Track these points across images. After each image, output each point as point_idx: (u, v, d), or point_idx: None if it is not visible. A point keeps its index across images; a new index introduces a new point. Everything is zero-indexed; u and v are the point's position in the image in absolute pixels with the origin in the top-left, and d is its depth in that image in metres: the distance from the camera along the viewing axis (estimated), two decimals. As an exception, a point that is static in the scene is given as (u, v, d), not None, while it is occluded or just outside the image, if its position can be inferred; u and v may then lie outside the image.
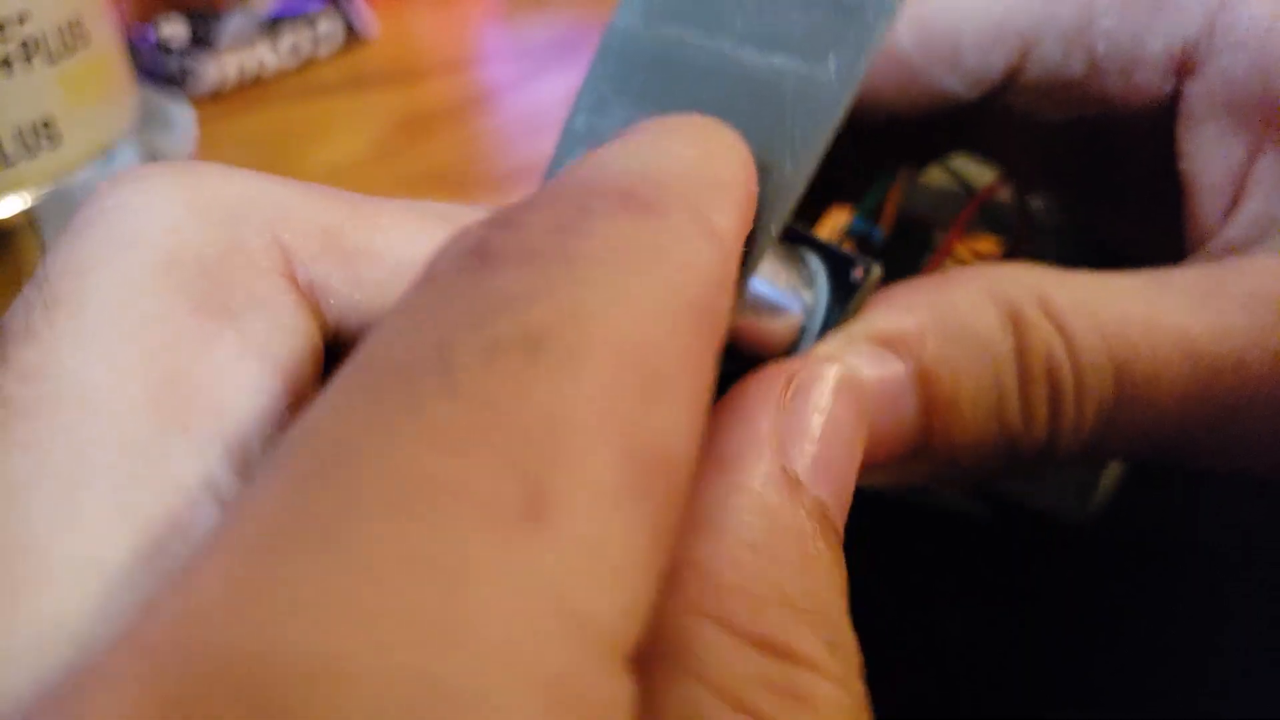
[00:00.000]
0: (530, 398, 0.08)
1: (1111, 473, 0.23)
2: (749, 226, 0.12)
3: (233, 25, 0.60)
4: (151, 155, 0.32)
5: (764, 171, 0.13)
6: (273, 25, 0.63)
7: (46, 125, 0.27)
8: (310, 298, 0.12)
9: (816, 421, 0.13)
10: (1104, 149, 0.20)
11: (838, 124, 0.13)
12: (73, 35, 0.27)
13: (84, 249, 0.12)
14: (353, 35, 0.68)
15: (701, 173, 0.11)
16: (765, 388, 0.13)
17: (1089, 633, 0.23)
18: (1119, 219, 0.21)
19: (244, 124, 0.58)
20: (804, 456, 0.13)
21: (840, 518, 0.13)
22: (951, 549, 0.25)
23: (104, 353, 0.11)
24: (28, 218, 0.27)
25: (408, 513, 0.07)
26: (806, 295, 0.16)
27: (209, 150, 0.41)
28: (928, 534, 0.25)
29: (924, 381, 0.15)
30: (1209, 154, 0.17)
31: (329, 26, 0.66)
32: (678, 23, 0.14)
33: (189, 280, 0.11)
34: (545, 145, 0.18)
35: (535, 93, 0.63)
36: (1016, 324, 0.15)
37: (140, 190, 0.12)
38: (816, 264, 0.17)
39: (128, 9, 0.58)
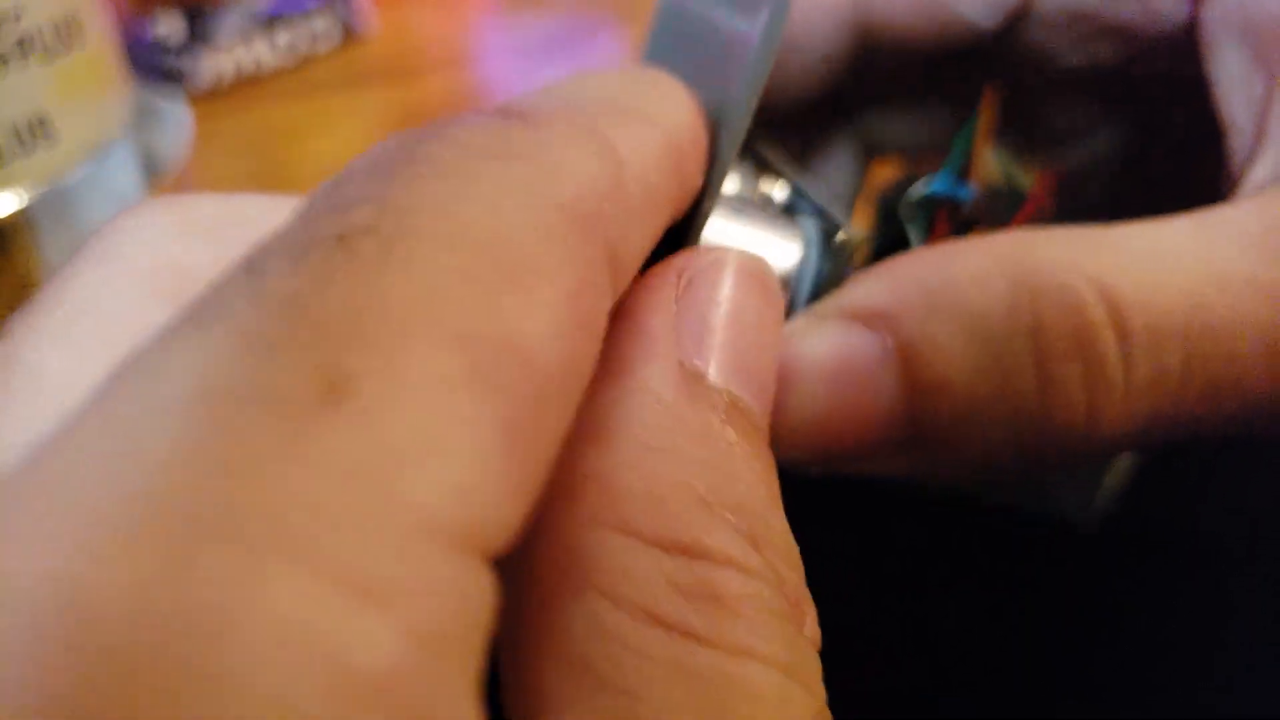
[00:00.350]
0: (333, 291, 0.08)
1: (1117, 470, 0.23)
2: (683, 168, 0.12)
3: (230, 22, 0.60)
4: (147, 153, 0.32)
5: (715, 124, 0.14)
6: (270, 22, 0.62)
7: (42, 123, 0.27)
8: None
9: (716, 313, 0.12)
10: (1130, 91, 0.19)
11: (761, 78, 0.13)
12: (68, 33, 0.27)
13: (72, 266, 0.12)
14: (350, 32, 0.68)
15: (612, 102, 0.11)
16: (657, 283, 0.13)
17: (1091, 627, 0.23)
18: (1154, 171, 0.21)
19: (241, 121, 0.58)
20: (705, 350, 0.12)
21: (761, 410, 0.12)
22: (950, 541, 0.24)
23: (67, 342, 0.11)
24: (23, 215, 0.27)
25: (203, 420, 0.07)
26: (791, 254, 0.16)
27: (205, 147, 0.41)
28: (925, 525, 0.25)
29: (905, 360, 0.14)
30: (1231, 88, 0.16)
31: (326, 24, 0.66)
32: None
33: (166, 285, 0.11)
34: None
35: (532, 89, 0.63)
36: (1034, 296, 0.13)
37: (132, 215, 0.13)
38: (811, 228, 0.17)
39: (124, 6, 0.58)
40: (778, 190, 0.18)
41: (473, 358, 0.08)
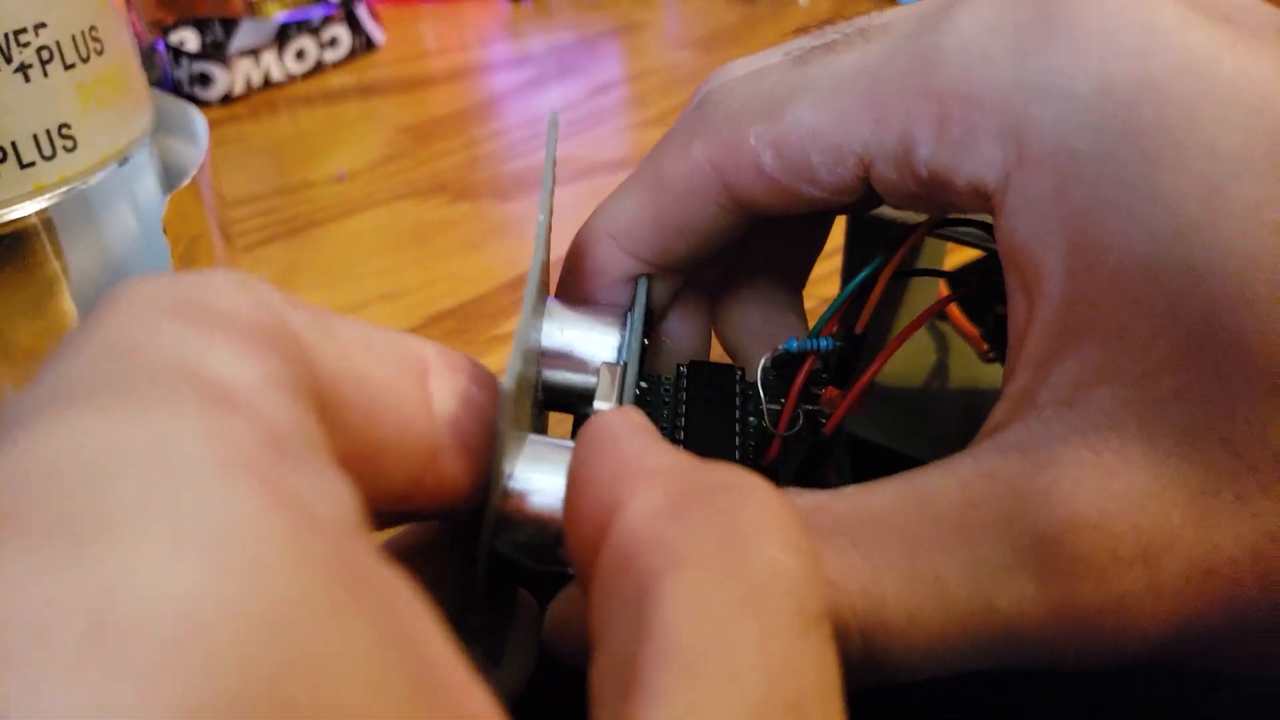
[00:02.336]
0: None
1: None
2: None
3: (243, 34, 0.61)
4: (166, 161, 0.33)
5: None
6: (282, 33, 0.63)
7: (63, 131, 0.28)
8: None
9: None
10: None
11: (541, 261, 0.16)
12: (89, 43, 0.28)
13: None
14: (361, 43, 0.69)
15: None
16: None
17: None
18: None
19: (254, 131, 0.59)
20: None
21: None
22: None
23: None
24: (45, 222, 0.27)
25: None
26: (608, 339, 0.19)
27: (220, 157, 0.42)
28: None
29: None
30: (1010, 300, 0.17)
31: (337, 35, 0.67)
32: None
33: None
34: (545, 152, 0.19)
35: (538, 101, 0.63)
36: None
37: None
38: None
39: (140, 18, 0.59)
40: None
41: None
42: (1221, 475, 0.14)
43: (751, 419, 0.20)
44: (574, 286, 0.21)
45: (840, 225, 0.26)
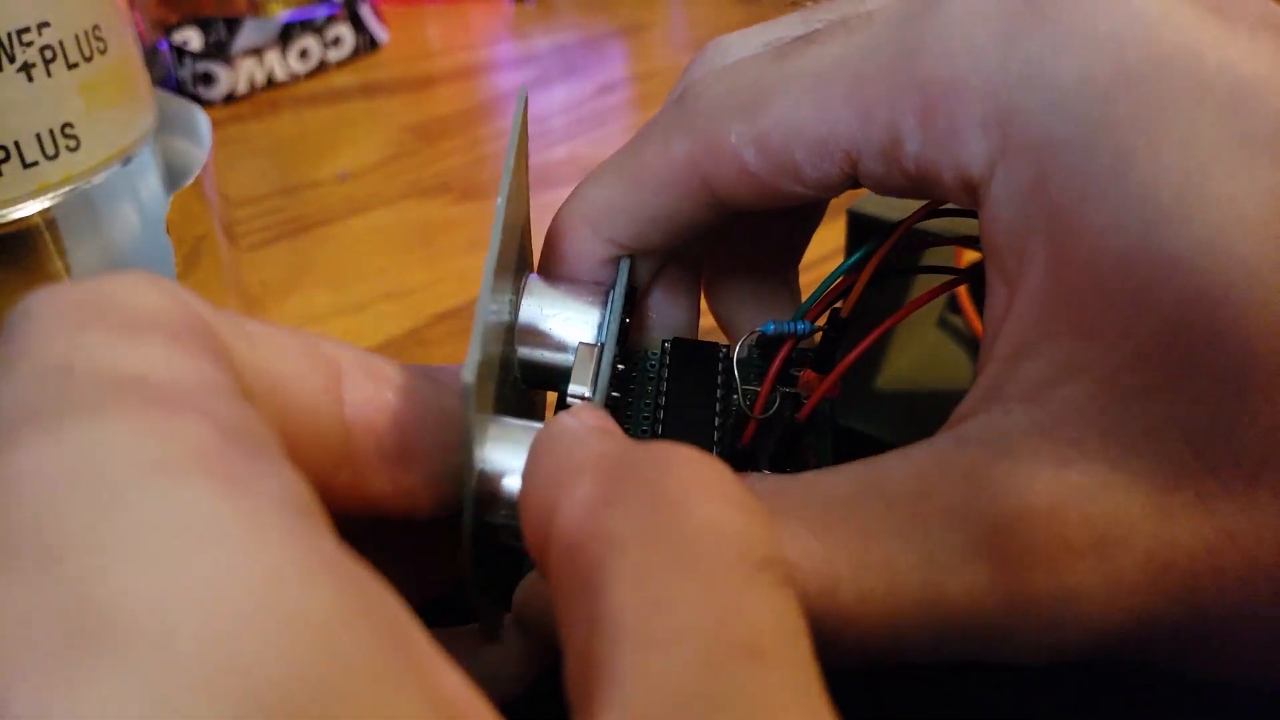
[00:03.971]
0: None
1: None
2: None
3: (246, 33, 0.61)
4: (169, 160, 0.33)
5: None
6: (285, 33, 0.63)
7: (66, 130, 0.27)
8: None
9: None
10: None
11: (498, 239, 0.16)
12: (92, 42, 0.28)
13: None
14: (364, 43, 0.69)
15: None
16: None
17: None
18: None
19: (257, 130, 0.59)
20: None
21: None
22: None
23: None
24: (48, 221, 0.27)
25: None
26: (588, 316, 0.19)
27: (224, 156, 0.42)
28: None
29: None
30: (989, 291, 0.17)
31: (341, 34, 0.67)
32: None
33: None
34: (550, 153, 0.19)
35: (543, 100, 0.63)
36: None
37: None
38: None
39: (143, 17, 0.59)
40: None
41: None
42: (1183, 472, 0.14)
43: (735, 398, 0.20)
44: (552, 269, 0.21)
45: (842, 224, 0.26)
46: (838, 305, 0.20)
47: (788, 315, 0.21)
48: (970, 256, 0.27)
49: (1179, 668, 0.16)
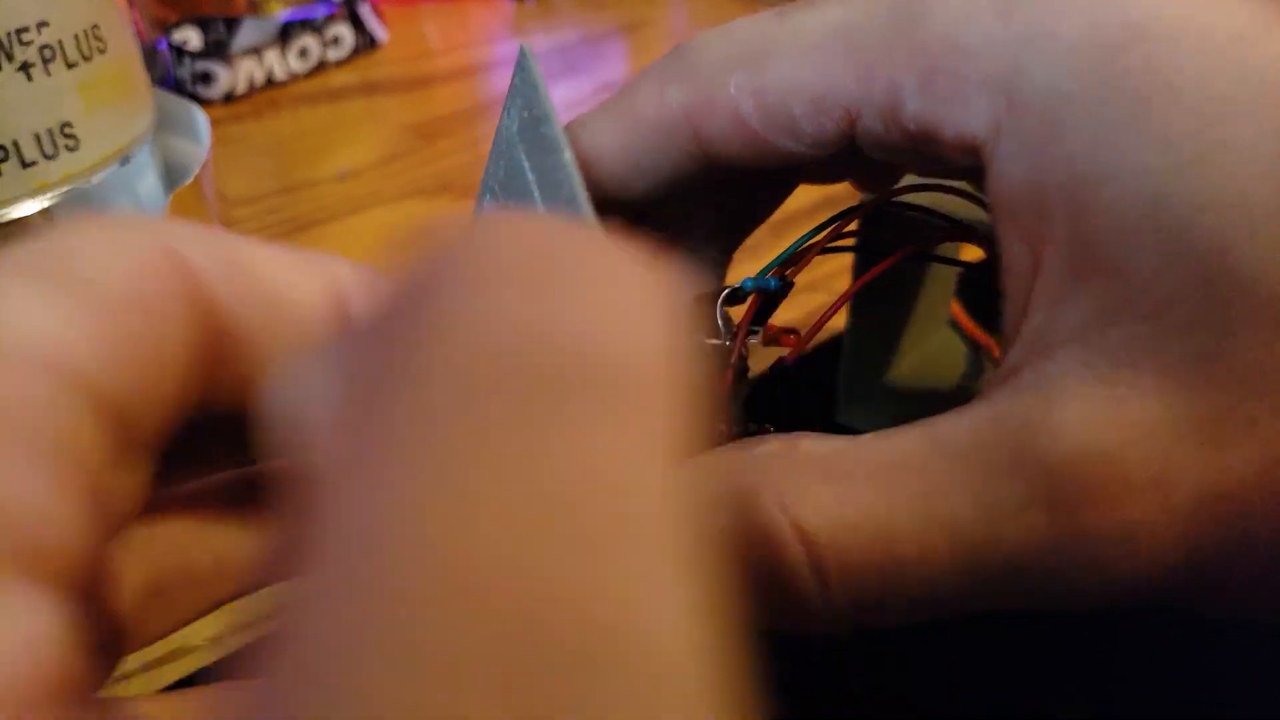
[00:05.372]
0: None
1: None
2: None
3: (245, 32, 0.61)
4: (168, 159, 0.33)
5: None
6: (285, 32, 0.63)
7: (65, 130, 0.27)
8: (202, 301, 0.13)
9: None
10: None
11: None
12: (91, 41, 0.28)
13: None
14: (364, 42, 0.69)
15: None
16: None
17: (1089, 623, 0.23)
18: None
19: (256, 130, 0.59)
20: None
21: None
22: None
23: None
24: (46, 219, 0.27)
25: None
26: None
27: (223, 155, 0.42)
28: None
29: None
30: (1006, 251, 0.17)
31: (340, 33, 0.67)
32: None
33: None
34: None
35: (544, 99, 0.63)
36: (740, 534, 0.15)
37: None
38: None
39: (142, 16, 0.59)
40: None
41: None
42: (1232, 400, 0.14)
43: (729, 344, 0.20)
44: None
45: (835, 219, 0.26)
46: (790, 270, 0.21)
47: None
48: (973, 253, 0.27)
49: (1221, 609, 0.16)
